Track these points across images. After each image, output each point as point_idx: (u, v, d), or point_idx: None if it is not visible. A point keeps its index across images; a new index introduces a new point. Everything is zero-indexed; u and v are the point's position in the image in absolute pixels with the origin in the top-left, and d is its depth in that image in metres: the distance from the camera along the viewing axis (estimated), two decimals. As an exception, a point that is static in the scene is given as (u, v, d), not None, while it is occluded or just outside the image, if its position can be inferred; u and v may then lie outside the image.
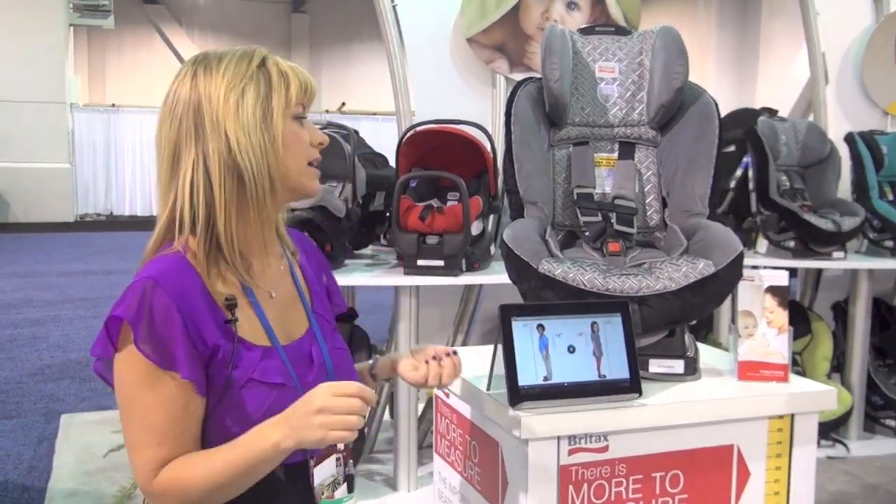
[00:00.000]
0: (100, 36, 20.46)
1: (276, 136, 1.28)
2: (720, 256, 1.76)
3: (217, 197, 1.26)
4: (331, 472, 1.34)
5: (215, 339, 1.24)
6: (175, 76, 1.32)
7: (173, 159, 1.28)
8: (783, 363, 1.78)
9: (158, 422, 1.20)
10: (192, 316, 1.22)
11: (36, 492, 3.52)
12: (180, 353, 1.20)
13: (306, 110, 1.35)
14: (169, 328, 1.20)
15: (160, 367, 1.20)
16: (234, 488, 1.22)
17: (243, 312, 1.29)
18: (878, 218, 4.09)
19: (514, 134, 2.01)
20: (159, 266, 1.24)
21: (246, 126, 1.26)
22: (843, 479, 3.66)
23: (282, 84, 1.30)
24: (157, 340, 1.19)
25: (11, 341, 6.44)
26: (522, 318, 1.56)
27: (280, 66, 1.31)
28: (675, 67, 2.05)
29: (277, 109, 1.29)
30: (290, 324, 1.38)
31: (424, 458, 3.49)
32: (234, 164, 1.25)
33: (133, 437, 1.22)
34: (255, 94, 1.27)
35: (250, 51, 1.32)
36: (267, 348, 1.30)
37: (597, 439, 1.59)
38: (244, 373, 1.26)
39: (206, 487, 1.20)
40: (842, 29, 4.49)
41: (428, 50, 3.80)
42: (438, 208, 3.23)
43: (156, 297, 1.20)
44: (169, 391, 1.20)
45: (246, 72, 1.28)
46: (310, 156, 1.35)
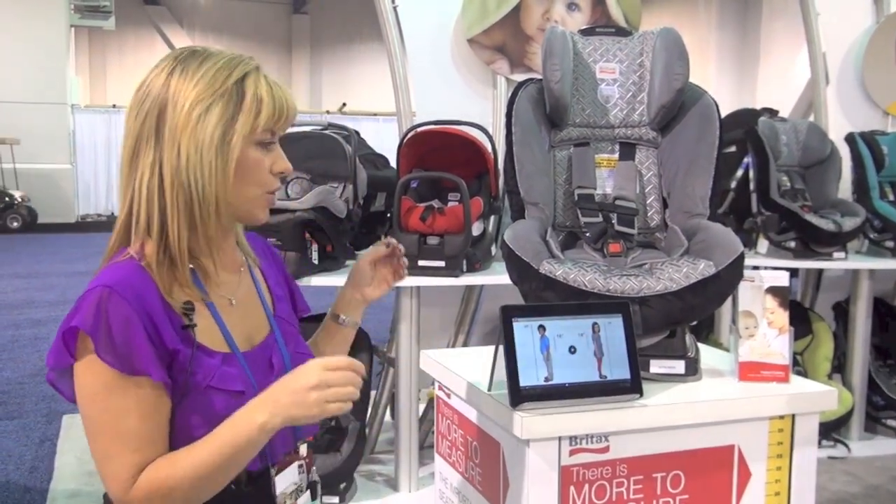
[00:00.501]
0: (101, 37, 20.50)
1: (230, 161, 1.24)
2: (721, 257, 1.76)
3: (169, 207, 1.23)
4: (293, 480, 1.33)
5: (174, 344, 1.21)
6: (156, 65, 1.28)
7: (134, 152, 1.25)
8: (784, 364, 1.78)
9: (131, 427, 1.17)
10: (150, 320, 1.19)
11: (38, 492, 3.52)
12: (146, 356, 1.17)
13: (276, 136, 1.30)
14: (130, 334, 1.17)
15: (126, 374, 1.16)
16: (219, 480, 1.20)
17: (202, 318, 1.26)
18: (878, 218, 4.09)
19: (515, 135, 2.01)
20: (114, 274, 1.22)
21: (200, 144, 1.22)
22: (844, 480, 3.66)
23: (252, 108, 1.24)
24: (119, 348, 1.16)
25: (13, 342, 6.44)
26: (523, 318, 1.56)
27: (258, 88, 1.26)
28: (675, 68, 2.05)
29: (239, 133, 1.24)
30: (251, 330, 1.35)
31: (425, 459, 3.49)
32: (183, 179, 1.22)
33: (104, 448, 1.18)
34: (221, 112, 1.23)
35: (235, 62, 1.26)
36: (226, 354, 1.28)
37: (598, 440, 1.59)
38: (204, 378, 1.23)
39: (191, 483, 1.17)
40: (842, 29, 4.49)
41: (429, 51, 3.81)
42: (439, 209, 3.23)
43: (112, 305, 1.17)
44: (138, 395, 1.17)
45: (220, 86, 1.23)
46: (267, 185, 1.30)
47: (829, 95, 4.49)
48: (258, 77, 1.27)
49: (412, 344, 3.34)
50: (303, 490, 1.34)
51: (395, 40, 3.71)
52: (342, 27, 21.96)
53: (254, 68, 1.27)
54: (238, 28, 21.62)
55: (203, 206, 1.23)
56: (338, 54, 22.07)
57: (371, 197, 3.59)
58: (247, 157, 1.26)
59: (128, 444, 1.17)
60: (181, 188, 1.22)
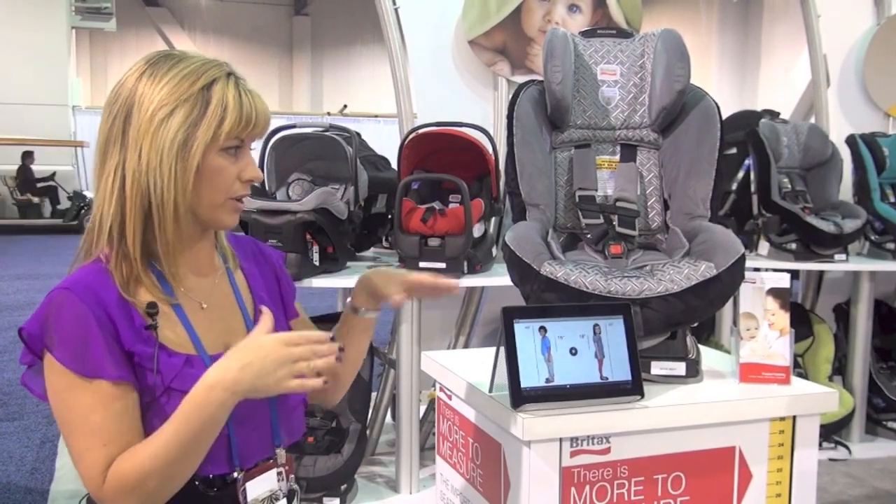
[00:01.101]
0: (102, 38, 20.52)
1: (190, 167, 1.22)
2: (722, 259, 1.76)
3: (128, 211, 1.22)
4: (269, 487, 1.31)
5: (131, 345, 1.20)
6: (130, 67, 1.28)
7: (102, 154, 1.25)
8: (785, 365, 1.78)
9: (97, 423, 1.16)
10: (108, 320, 1.19)
11: (38, 494, 3.52)
12: (102, 357, 1.17)
13: (247, 143, 1.28)
14: (85, 334, 1.17)
15: (83, 376, 1.16)
16: (185, 463, 1.17)
17: (167, 320, 1.25)
18: (879, 220, 4.09)
19: (516, 136, 2.02)
20: (75, 276, 1.23)
21: (160, 149, 1.21)
22: (845, 482, 3.66)
23: (216, 115, 1.23)
24: (74, 349, 1.16)
25: (14, 343, 6.45)
26: (525, 320, 1.57)
27: (226, 95, 1.24)
28: (676, 70, 2.05)
29: (201, 140, 1.22)
30: (226, 333, 1.32)
31: (426, 461, 3.49)
32: (143, 183, 1.21)
33: (77, 445, 1.17)
34: (184, 118, 1.22)
35: (205, 67, 1.25)
36: (191, 356, 1.26)
37: (599, 441, 1.59)
38: (164, 379, 1.21)
39: (160, 469, 1.14)
40: (843, 31, 4.49)
41: (430, 52, 3.81)
42: (440, 210, 3.23)
43: (67, 306, 1.18)
44: (99, 394, 1.17)
45: (185, 91, 1.22)
46: (232, 191, 1.28)
47: (830, 97, 4.49)
48: (226, 84, 1.25)
49: (413, 345, 3.34)
50: (279, 497, 1.33)
51: (397, 42, 3.72)
52: (343, 29, 21.98)
53: (224, 74, 1.26)
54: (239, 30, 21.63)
55: (161, 210, 1.22)
56: (339, 56, 22.08)
57: (372, 198, 3.59)
58: (210, 164, 1.24)
59: (96, 439, 1.16)
60: (140, 191, 1.22)
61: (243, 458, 1.28)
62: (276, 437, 1.34)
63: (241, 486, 1.27)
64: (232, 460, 1.26)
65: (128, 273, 1.23)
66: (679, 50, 2.08)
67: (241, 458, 1.28)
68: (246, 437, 1.28)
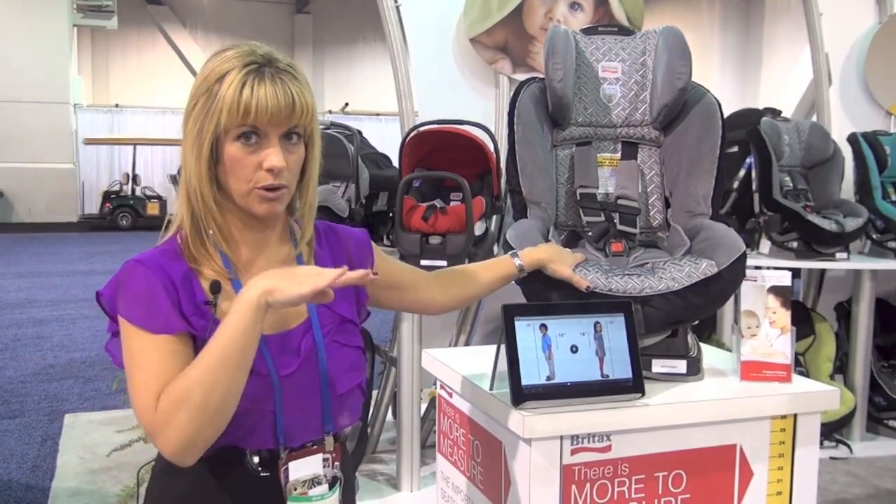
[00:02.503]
0: (103, 36, 20.52)
1: (203, 157, 1.28)
2: (723, 257, 1.76)
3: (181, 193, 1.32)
4: (312, 470, 1.33)
5: (190, 314, 1.27)
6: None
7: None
8: (786, 363, 1.78)
9: (160, 363, 1.23)
10: (172, 288, 1.27)
11: (39, 491, 3.52)
12: (168, 313, 1.25)
13: (269, 132, 1.28)
14: (152, 295, 1.25)
15: (152, 332, 1.24)
16: (227, 371, 1.19)
17: (229, 299, 1.29)
18: (881, 218, 4.09)
19: (517, 134, 2.01)
20: (149, 251, 1.32)
21: (187, 138, 1.30)
22: (846, 480, 3.65)
23: (218, 106, 1.26)
24: (143, 308, 1.25)
25: (15, 341, 6.45)
26: (526, 318, 1.56)
27: (229, 88, 1.26)
28: (678, 67, 2.05)
29: (208, 130, 1.27)
30: (286, 316, 1.36)
31: (427, 458, 3.50)
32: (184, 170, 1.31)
33: (137, 385, 1.23)
34: (199, 111, 1.28)
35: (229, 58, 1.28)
36: None
37: (599, 439, 1.59)
38: None
39: (201, 378, 1.18)
40: (845, 29, 4.49)
41: (431, 50, 3.81)
42: (441, 208, 3.23)
43: (136, 272, 1.27)
44: (168, 345, 1.24)
45: (202, 85, 1.28)
46: (255, 180, 1.29)
47: (832, 96, 4.49)
48: (236, 75, 1.26)
49: (414, 343, 3.34)
50: (321, 482, 1.34)
51: (398, 40, 3.71)
52: (345, 27, 21.97)
53: (240, 66, 1.27)
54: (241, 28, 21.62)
55: (193, 195, 1.30)
56: (340, 54, 22.08)
57: (373, 196, 3.59)
58: (228, 154, 1.28)
59: (154, 376, 1.22)
60: (184, 179, 1.31)
61: (289, 437, 1.32)
62: (327, 423, 1.36)
63: (284, 464, 1.31)
64: (277, 437, 1.30)
65: (195, 253, 1.32)
66: (681, 47, 2.08)
67: (286, 437, 1.31)
68: (293, 418, 1.31)
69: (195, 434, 1.18)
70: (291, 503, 1.31)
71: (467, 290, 1.70)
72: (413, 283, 1.62)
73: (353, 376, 1.40)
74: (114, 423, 4.27)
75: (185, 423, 1.17)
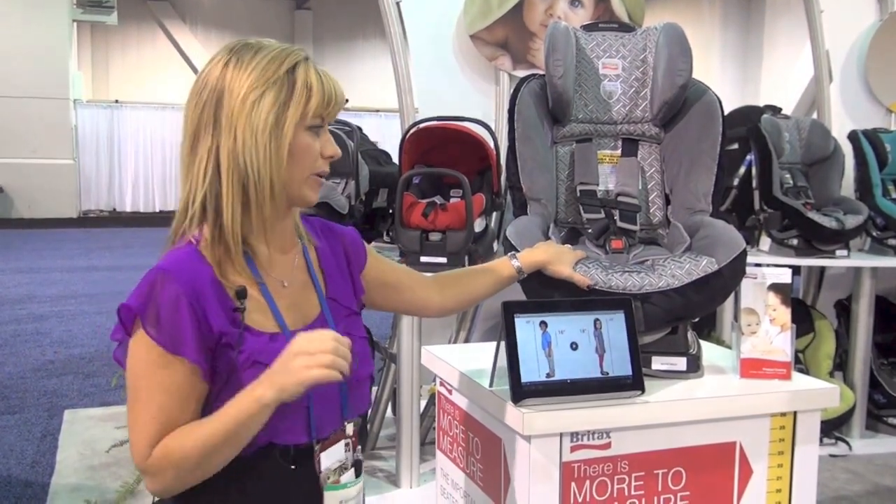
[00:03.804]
0: (103, 32, 20.46)
1: (283, 146, 1.31)
2: (723, 254, 1.76)
3: (224, 191, 1.30)
4: (338, 458, 1.39)
5: (221, 326, 1.27)
6: (211, 58, 1.35)
7: (193, 140, 1.32)
8: (786, 360, 1.78)
9: (162, 402, 1.25)
10: (200, 304, 1.26)
11: (39, 487, 3.52)
12: (188, 338, 1.24)
13: (326, 121, 1.36)
14: (177, 315, 1.24)
15: (168, 352, 1.24)
16: (224, 453, 1.25)
17: (254, 301, 1.33)
18: (881, 216, 4.08)
19: (518, 131, 2.01)
20: (172, 258, 1.30)
21: (255, 129, 1.28)
22: (845, 478, 3.66)
23: (303, 95, 1.31)
24: (165, 326, 1.24)
25: (15, 337, 6.45)
26: (525, 314, 1.56)
27: (309, 76, 1.32)
28: (678, 64, 2.04)
29: (291, 119, 1.30)
30: (303, 309, 1.41)
31: (427, 455, 3.50)
32: (239, 163, 1.29)
33: (135, 416, 1.26)
34: (274, 99, 1.29)
35: (286, 52, 1.33)
36: (275, 334, 1.34)
37: (599, 436, 1.59)
38: (248, 356, 1.29)
39: (198, 455, 1.23)
40: (846, 26, 4.48)
41: (431, 47, 3.80)
42: (441, 205, 3.23)
43: (165, 287, 1.25)
44: (175, 374, 1.25)
45: (272, 75, 1.30)
46: (317, 167, 1.37)
47: (833, 93, 4.48)
48: (308, 67, 1.33)
49: (414, 340, 3.34)
50: (347, 467, 1.40)
51: (398, 36, 3.71)
52: (345, 23, 21.93)
53: (303, 59, 1.34)
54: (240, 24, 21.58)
55: (258, 188, 1.30)
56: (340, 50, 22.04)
57: (373, 193, 3.59)
58: (298, 142, 1.32)
59: (153, 416, 1.24)
60: (237, 171, 1.29)
61: (319, 429, 1.36)
62: (345, 410, 1.41)
63: (318, 456, 1.35)
64: (311, 431, 1.34)
65: (222, 255, 1.31)
66: (681, 44, 2.07)
67: (317, 430, 1.36)
68: (321, 410, 1.35)
69: (181, 486, 1.27)
70: (328, 492, 1.36)
71: (465, 294, 1.73)
72: (409, 283, 1.66)
73: (365, 365, 1.45)
74: (113, 419, 4.27)
75: (173, 480, 1.25)
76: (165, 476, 1.25)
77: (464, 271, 1.78)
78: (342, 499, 1.38)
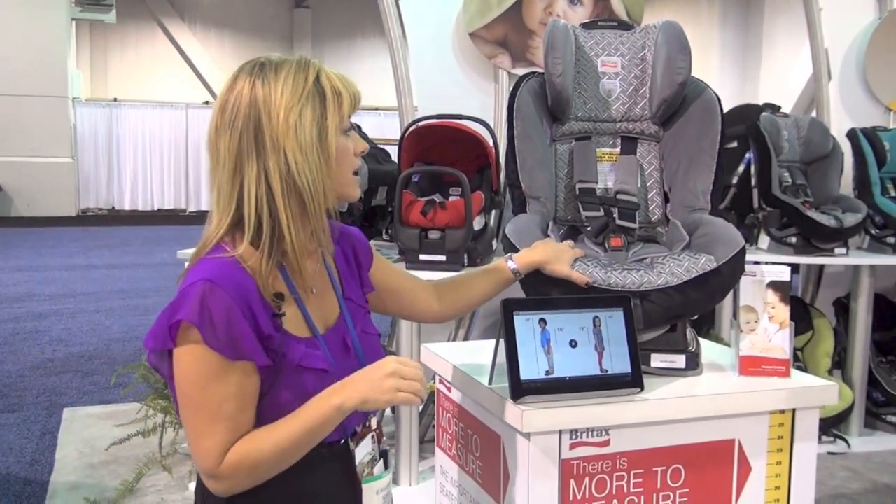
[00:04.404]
0: (102, 30, 20.44)
1: (331, 155, 1.35)
2: (722, 251, 1.76)
3: (281, 211, 1.32)
4: (368, 451, 1.44)
5: (269, 330, 1.32)
6: (230, 82, 1.36)
7: (234, 170, 1.33)
8: (785, 358, 1.78)
9: (227, 410, 1.28)
10: (249, 309, 1.29)
11: (38, 485, 3.53)
12: (250, 342, 1.28)
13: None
14: (234, 324, 1.27)
15: (229, 358, 1.27)
16: (297, 454, 1.32)
17: (290, 308, 1.37)
18: (880, 214, 4.09)
19: (517, 129, 2.01)
20: (214, 268, 1.31)
21: (304, 146, 1.31)
22: (844, 475, 3.66)
23: (335, 101, 1.35)
24: (224, 336, 1.26)
25: (14, 335, 6.45)
26: (525, 312, 1.56)
27: (332, 82, 1.36)
28: (677, 62, 2.05)
29: (332, 128, 1.35)
30: (326, 313, 1.46)
31: (426, 453, 3.50)
32: (294, 181, 1.32)
33: (198, 427, 1.29)
34: (312, 113, 1.33)
35: (303, 63, 1.36)
36: (310, 339, 1.39)
37: (598, 433, 1.60)
38: (293, 360, 1.34)
39: (273, 457, 1.29)
40: (845, 25, 4.49)
41: (430, 45, 3.80)
42: (441, 203, 3.23)
43: (216, 298, 1.27)
44: (238, 381, 1.29)
45: (303, 89, 1.33)
46: (354, 165, 1.43)
47: (832, 91, 4.48)
48: (327, 73, 1.38)
49: (413, 338, 3.34)
50: (377, 459, 1.46)
51: (397, 34, 3.71)
52: (344, 21, 21.92)
53: (320, 66, 1.38)
54: (239, 22, 21.57)
55: (315, 201, 1.34)
56: (340, 49, 22.03)
57: (372, 191, 3.59)
58: (339, 147, 1.38)
59: (222, 424, 1.28)
60: (293, 189, 1.32)
61: (348, 426, 1.41)
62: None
63: (353, 451, 1.42)
64: (344, 429, 1.39)
65: (271, 269, 1.34)
66: (680, 42, 2.07)
67: (346, 427, 1.40)
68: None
69: (250, 485, 1.32)
70: (366, 484, 1.43)
71: (464, 300, 1.76)
72: (410, 288, 1.70)
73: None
74: (112, 418, 4.27)
75: (245, 482, 1.31)
76: (239, 478, 1.29)
77: (461, 277, 1.79)
78: (377, 489, 1.44)
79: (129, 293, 8.24)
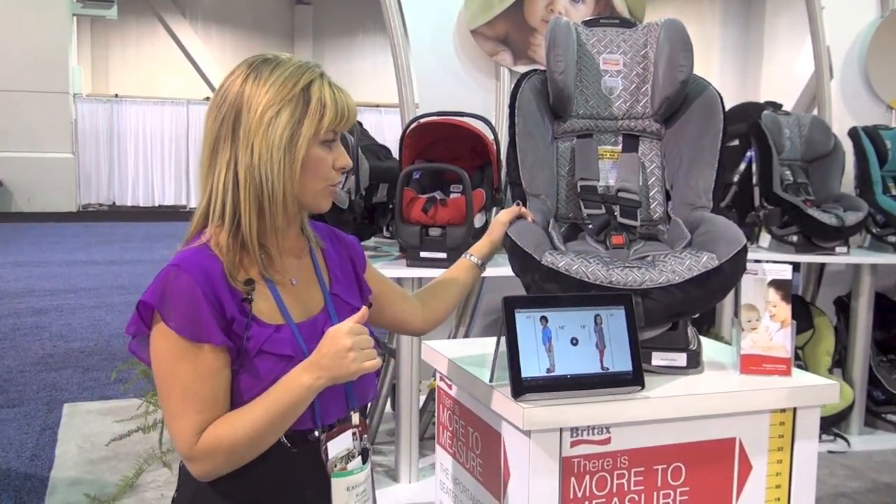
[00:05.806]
0: (103, 26, 20.45)
1: (297, 160, 1.38)
2: (724, 250, 1.76)
3: (241, 201, 1.37)
4: (346, 446, 1.44)
5: (232, 313, 1.35)
6: (231, 72, 1.42)
7: (213, 151, 1.40)
8: (786, 357, 1.78)
9: (197, 391, 1.32)
10: (213, 293, 1.34)
11: (38, 480, 3.53)
12: (209, 323, 1.31)
13: (338, 135, 1.44)
14: (194, 304, 1.31)
15: (191, 340, 1.31)
16: (272, 435, 1.35)
17: (261, 295, 1.40)
18: (881, 213, 4.09)
19: (518, 126, 2.01)
20: (184, 255, 1.37)
21: (271, 145, 1.36)
22: (844, 474, 3.66)
23: (317, 112, 1.38)
24: (184, 317, 1.31)
25: (14, 330, 6.45)
26: (526, 310, 1.56)
27: (323, 93, 1.39)
28: (679, 60, 2.04)
29: (305, 135, 1.38)
30: (308, 304, 1.48)
31: (426, 450, 3.50)
32: (255, 176, 1.36)
33: (173, 409, 1.33)
34: (289, 116, 1.36)
35: (302, 69, 1.39)
36: (280, 325, 1.41)
37: (599, 431, 1.59)
38: (256, 344, 1.37)
39: (247, 439, 1.32)
40: (847, 23, 4.48)
41: (432, 42, 3.80)
42: (441, 200, 3.23)
43: (178, 280, 1.32)
44: (204, 361, 1.32)
45: (288, 93, 1.37)
46: (329, 179, 1.44)
47: (833, 90, 4.48)
48: (322, 84, 1.40)
49: (413, 338, 3.34)
50: (354, 455, 1.46)
51: (399, 31, 3.71)
52: (345, 18, 21.92)
53: (318, 76, 1.41)
54: (241, 19, 21.56)
55: (272, 199, 1.38)
56: (341, 45, 22.02)
57: (373, 188, 3.58)
58: (312, 156, 1.40)
59: (193, 405, 1.32)
60: (253, 184, 1.37)
61: (324, 416, 1.43)
62: (350, 400, 1.48)
63: (324, 445, 1.42)
64: (315, 419, 1.41)
65: (238, 255, 1.39)
66: (682, 40, 2.07)
67: (322, 417, 1.42)
68: (324, 398, 1.40)
69: (230, 469, 1.35)
70: (335, 479, 1.43)
71: (444, 305, 1.82)
72: (396, 299, 1.76)
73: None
74: (112, 413, 4.28)
75: (222, 465, 1.34)
76: (216, 460, 1.33)
77: (437, 283, 1.86)
78: (349, 485, 1.43)
79: (130, 289, 8.23)
